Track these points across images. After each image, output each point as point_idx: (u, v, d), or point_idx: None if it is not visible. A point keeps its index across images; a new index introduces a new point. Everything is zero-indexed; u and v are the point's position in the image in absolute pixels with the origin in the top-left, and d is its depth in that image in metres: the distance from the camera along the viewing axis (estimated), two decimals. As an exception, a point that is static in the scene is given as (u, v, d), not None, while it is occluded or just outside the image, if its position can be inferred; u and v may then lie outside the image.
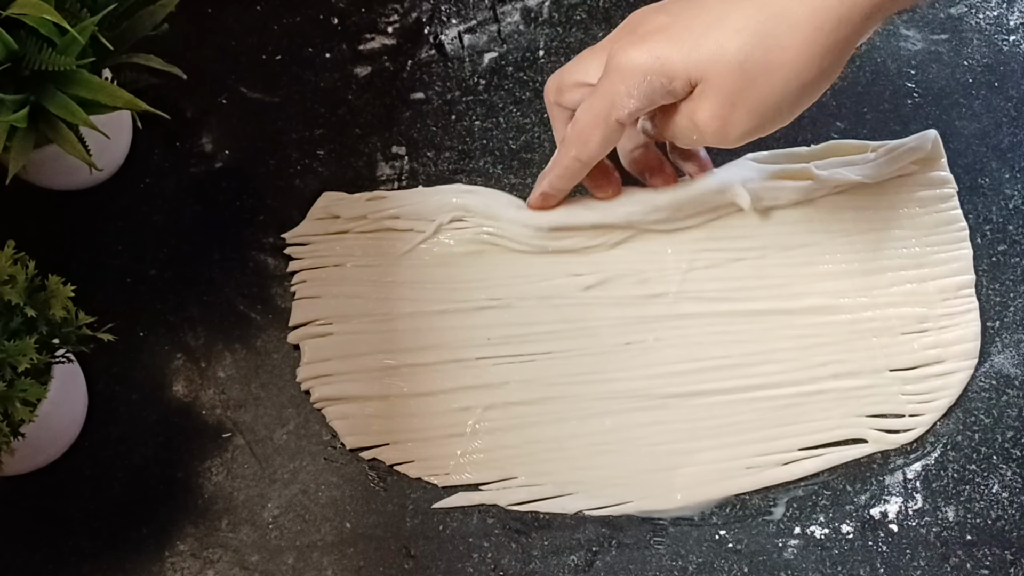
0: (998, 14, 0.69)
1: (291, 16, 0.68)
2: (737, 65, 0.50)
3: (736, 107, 0.51)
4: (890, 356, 0.61)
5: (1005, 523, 0.59)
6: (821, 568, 0.58)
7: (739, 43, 0.49)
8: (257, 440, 0.60)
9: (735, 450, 0.60)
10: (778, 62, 0.49)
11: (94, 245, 0.63)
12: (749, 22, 0.49)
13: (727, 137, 0.53)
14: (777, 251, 0.63)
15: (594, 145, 0.56)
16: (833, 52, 0.50)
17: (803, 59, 0.49)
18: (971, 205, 0.65)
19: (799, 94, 0.51)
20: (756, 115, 0.51)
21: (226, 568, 0.57)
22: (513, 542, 0.58)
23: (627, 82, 0.52)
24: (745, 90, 0.50)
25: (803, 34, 0.49)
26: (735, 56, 0.50)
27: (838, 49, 0.50)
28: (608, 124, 0.54)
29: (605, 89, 0.53)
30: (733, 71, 0.50)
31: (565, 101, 0.58)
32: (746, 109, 0.51)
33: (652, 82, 0.52)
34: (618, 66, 0.52)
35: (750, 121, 0.52)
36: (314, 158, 0.65)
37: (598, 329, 0.62)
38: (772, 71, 0.50)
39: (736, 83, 0.50)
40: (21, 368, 0.49)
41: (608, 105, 0.53)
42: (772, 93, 0.50)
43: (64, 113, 0.52)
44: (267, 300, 0.62)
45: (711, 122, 0.52)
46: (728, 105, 0.51)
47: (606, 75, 0.53)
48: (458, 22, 0.69)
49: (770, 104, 0.51)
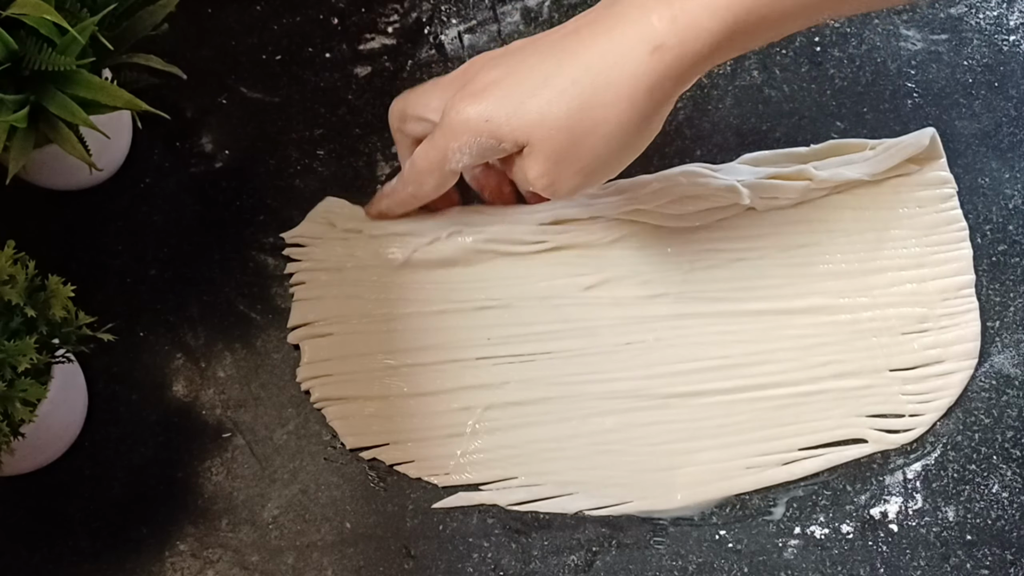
0: (998, 14, 0.69)
1: (291, 16, 0.68)
2: (560, 131, 0.52)
3: (562, 167, 0.53)
4: (890, 356, 0.61)
5: (1005, 523, 0.59)
6: (821, 568, 0.58)
7: (561, 110, 0.52)
8: (257, 440, 0.60)
9: (735, 450, 0.60)
10: (599, 125, 0.52)
11: (94, 245, 0.63)
12: (569, 89, 0.51)
13: (557, 193, 0.55)
14: (777, 251, 0.63)
15: (429, 188, 0.58)
16: (650, 112, 0.52)
17: (623, 121, 0.51)
18: (971, 205, 0.65)
19: (621, 152, 0.53)
20: (582, 174, 0.54)
21: (226, 568, 0.57)
22: (513, 542, 0.58)
23: (459, 140, 0.54)
24: (570, 151, 0.52)
25: (619, 101, 0.51)
26: (558, 122, 0.52)
27: (655, 109, 0.52)
28: (442, 172, 0.57)
29: (439, 142, 0.55)
30: (557, 136, 0.52)
31: (407, 130, 0.60)
32: (572, 169, 0.53)
33: (483, 143, 0.54)
34: (451, 123, 0.54)
35: (576, 179, 0.54)
36: (314, 158, 0.65)
37: (598, 329, 0.62)
38: (594, 133, 0.52)
39: (560, 147, 0.52)
40: (21, 368, 0.49)
41: (442, 157, 0.56)
42: (595, 153, 0.53)
43: (64, 113, 0.52)
44: (267, 300, 0.62)
45: (540, 179, 0.54)
46: (554, 165, 0.53)
47: (440, 128, 0.55)
48: (458, 22, 0.69)
49: (595, 163, 0.53)
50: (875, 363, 0.61)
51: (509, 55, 0.55)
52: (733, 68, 0.68)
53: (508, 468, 0.59)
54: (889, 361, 0.61)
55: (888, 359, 0.61)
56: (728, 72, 0.68)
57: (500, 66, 0.54)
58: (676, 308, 0.62)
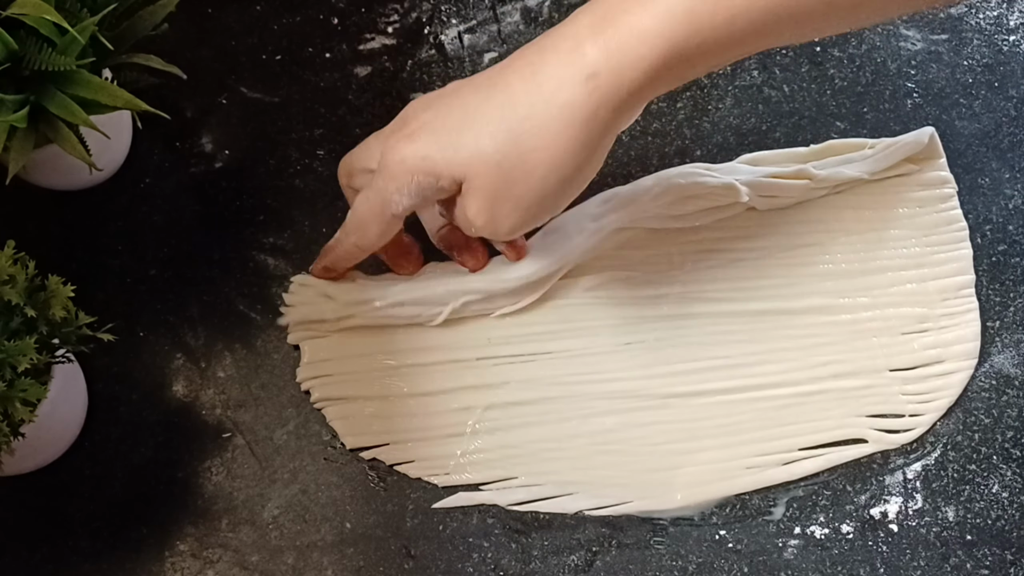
0: (998, 14, 0.69)
1: (291, 16, 0.68)
2: (495, 165, 0.51)
3: (499, 204, 0.52)
4: (890, 356, 0.61)
5: (1005, 523, 0.59)
6: (821, 568, 0.58)
7: (494, 143, 0.50)
8: (257, 440, 0.60)
9: (735, 450, 0.60)
10: (533, 161, 0.50)
11: (94, 245, 0.63)
12: (501, 122, 0.50)
13: (497, 231, 0.53)
14: (777, 251, 0.63)
15: (372, 236, 0.57)
16: (588, 147, 0.50)
17: (557, 157, 0.50)
18: (971, 205, 0.65)
19: (560, 188, 0.52)
20: (520, 210, 0.52)
21: (226, 568, 0.57)
22: (513, 542, 0.58)
23: (397, 181, 0.53)
24: (505, 188, 0.51)
25: (553, 133, 0.49)
26: (492, 156, 0.50)
27: (593, 143, 0.50)
28: (384, 218, 0.55)
29: (378, 186, 0.54)
30: (491, 170, 0.51)
31: (356, 184, 0.58)
32: (510, 206, 0.52)
33: (420, 182, 0.52)
34: (388, 164, 0.53)
35: (515, 216, 0.52)
36: (314, 158, 0.65)
37: (598, 329, 0.62)
38: (529, 170, 0.50)
39: (496, 182, 0.51)
40: (21, 368, 0.49)
41: (382, 201, 0.54)
42: (532, 190, 0.51)
43: (64, 113, 0.52)
44: (267, 300, 0.62)
45: (478, 217, 0.53)
46: (491, 202, 0.52)
47: (379, 172, 0.54)
48: (458, 22, 0.69)
49: (533, 200, 0.52)
50: (875, 363, 0.61)
51: (444, 96, 0.54)
52: (733, 68, 0.68)
53: (508, 468, 0.59)
54: (889, 361, 0.61)
55: (888, 359, 0.61)
56: (728, 72, 0.68)
57: (433, 106, 0.53)
58: (676, 308, 0.62)
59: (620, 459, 0.59)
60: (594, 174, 0.52)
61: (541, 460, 0.59)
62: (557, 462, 0.59)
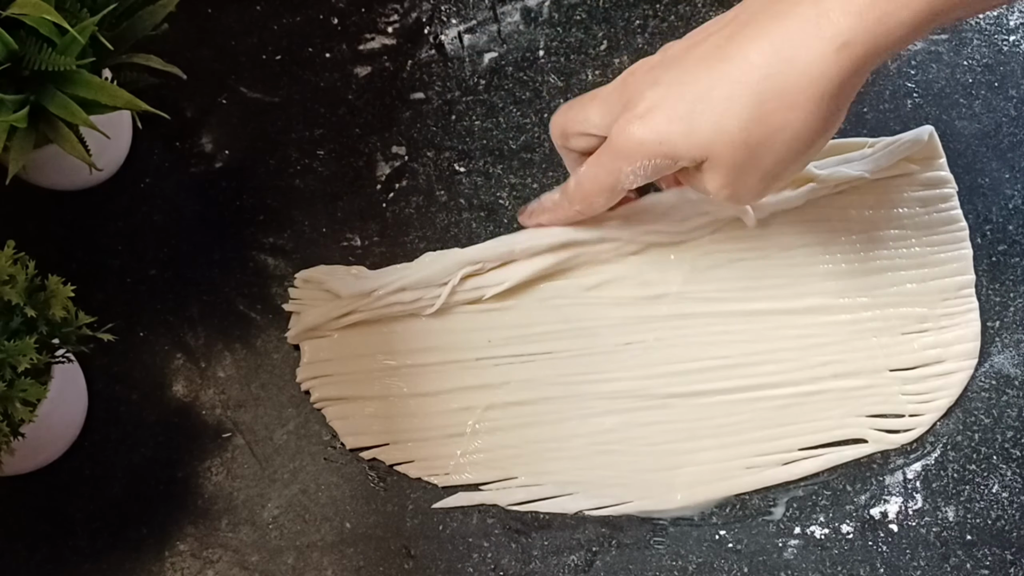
0: (998, 14, 0.69)
1: (291, 16, 0.68)
2: (741, 144, 0.50)
3: (744, 177, 0.51)
4: (890, 356, 0.61)
5: (1005, 523, 0.59)
6: (821, 568, 0.58)
7: (738, 122, 0.49)
8: (257, 440, 0.60)
9: (735, 450, 0.60)
10: (779, 131, 0.49)
11: (94, 245, 0.63)
12: (743, 99, 0.49)
13: (740, 201, 0.55)
14: (777, 251, 0.63)
15: (599, 207, 0.58)
16: (837, 115, 0.50)
17: (806, 125, 0.49)
18: (971, 205, 0.65)
19: (807, 156, 0.51)
20: (765, 180, 0.52)
21: (226, 568, 0.57)
22: (513, 542, 0.58)
23: (632, 163, 0.53)
24: (751, 164, 0.51)
25: (802, 108, 0.48)
26: (737, 136, 0.49)
27: (841, 110, 0.50)
28: (614, 193, 0.56)
29: (610, 166, 0.54)
30: (737, 150, 0.50)
31: (571, 145, 0.58)
32: (754, 178, 0.51)
33: (658, 164, 0.52)
34: (622, 147, 0.53)
35: (760, 185, 0.52)
36: (314, 158, 0.65)
37: (598, 329, 0.62)
38: (775, 141, 0.50)
39: (741, 159, 0.50)
40: (21, 368, 0.49)
41: (613, 180, 0.54)
42: (777, 159, 0.51)
43: (64, 113, 0.52)
44: (267, 300, 0.62)
45: (722, 191, 0.52)
46: (736, 176, 0.51)
47: (610, 151, 0.54)
48: (458, 22, 0.69)
49: (776, 169, 0.51)
50: (875, 363, 0.61)
51: (670, 69, 0.52)
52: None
53: (508, 468, 0.59)
54: (889, 361, 0.61)
55: (888, 359, 0.61)
56: (728, 72, 0.68)
57: (662, 81, 0.51)
58: (676, 308, 0.62)
59: (620, 459, 0.59)
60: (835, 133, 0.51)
61: (541, 460, 0.59)
62: (557, 462, 0.59)
